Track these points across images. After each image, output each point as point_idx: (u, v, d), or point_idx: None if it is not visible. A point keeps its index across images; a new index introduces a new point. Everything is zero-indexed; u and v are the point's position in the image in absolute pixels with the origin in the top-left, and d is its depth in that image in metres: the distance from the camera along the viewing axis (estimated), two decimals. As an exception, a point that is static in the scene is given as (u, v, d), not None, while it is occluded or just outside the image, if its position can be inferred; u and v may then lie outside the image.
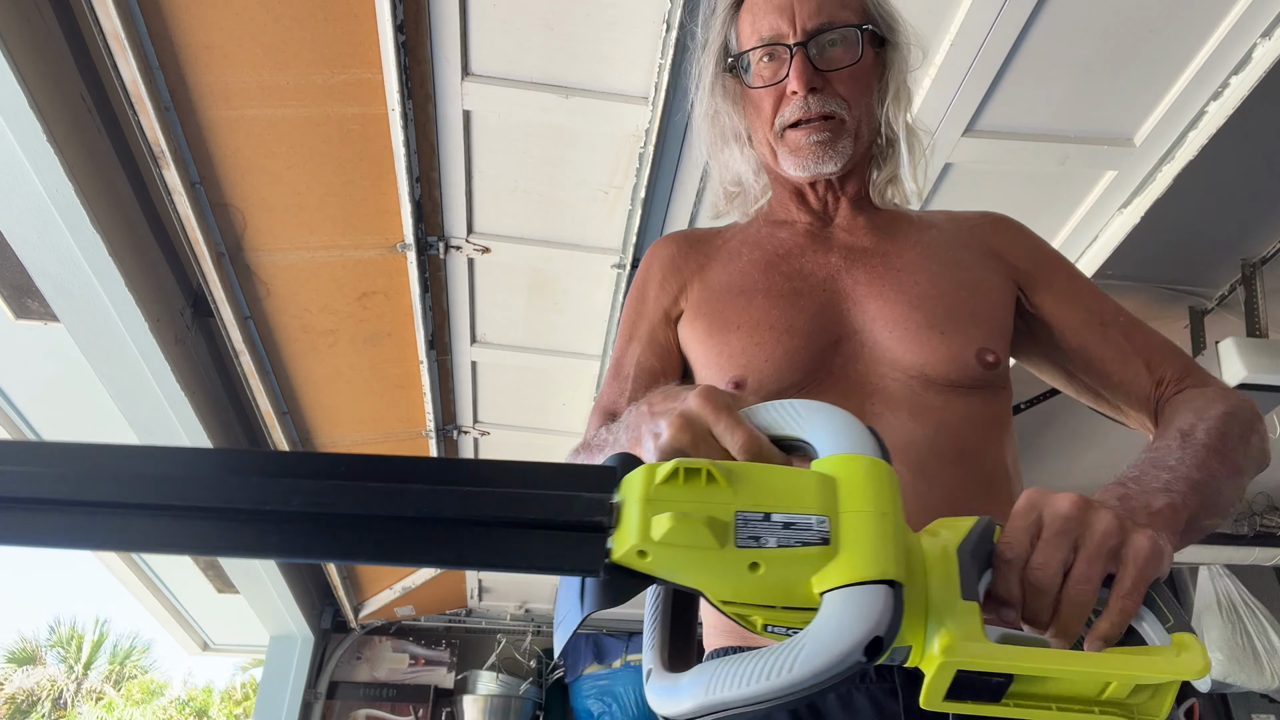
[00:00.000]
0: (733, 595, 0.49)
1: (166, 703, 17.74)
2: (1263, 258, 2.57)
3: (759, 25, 0.92)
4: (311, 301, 2.28)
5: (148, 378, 2.20)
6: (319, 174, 1.90)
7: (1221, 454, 0.74)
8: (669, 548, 0.46)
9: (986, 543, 0.54)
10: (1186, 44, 1.69)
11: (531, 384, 2.80)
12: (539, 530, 0.47)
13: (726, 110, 0.99)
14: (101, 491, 0.46)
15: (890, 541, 0.47)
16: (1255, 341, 2.46)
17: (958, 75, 1.70)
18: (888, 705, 0.71)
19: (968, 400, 0.83)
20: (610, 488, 0.49)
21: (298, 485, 0.47)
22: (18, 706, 15.41)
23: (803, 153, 0.91)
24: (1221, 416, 0.79)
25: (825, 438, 0.52)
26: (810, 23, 0.90)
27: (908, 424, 0.81)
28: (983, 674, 0.49)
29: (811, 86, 0.89)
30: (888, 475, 0.50)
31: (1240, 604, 3.77)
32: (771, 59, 0.92)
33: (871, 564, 0.46)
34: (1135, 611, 0.52)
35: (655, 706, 0.50)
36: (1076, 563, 0.52)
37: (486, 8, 1.59)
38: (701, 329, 0.93)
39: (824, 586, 0.47)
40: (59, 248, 1.80)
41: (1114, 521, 0.54)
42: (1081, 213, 2.09)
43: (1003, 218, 1.04)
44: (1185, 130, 1.84)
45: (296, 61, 1.65)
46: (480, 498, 0.47)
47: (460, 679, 4.60)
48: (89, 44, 1.69)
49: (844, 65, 0.91)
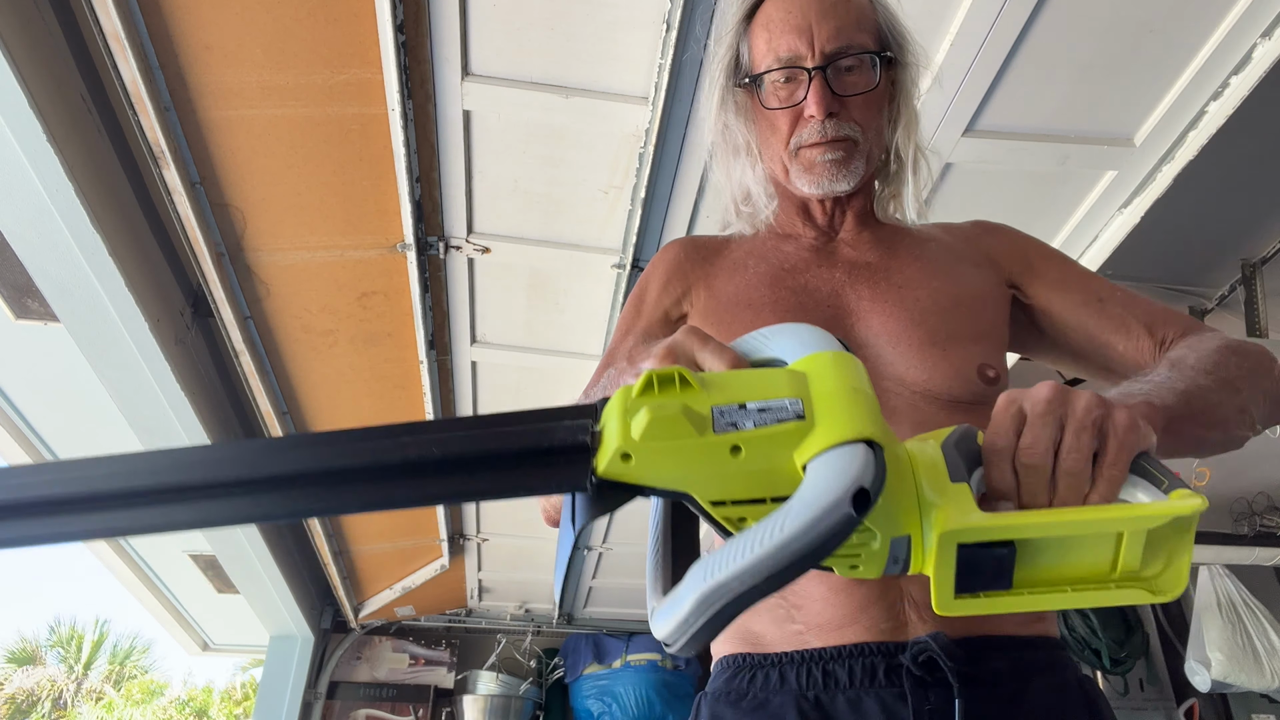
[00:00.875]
0: (721, 491, 0.48)
1: (166, 703, 17.74)
2: (1263, 258, 2.57)
3: (776, 44, 0.92)
4: (311, 301, 2.28)
5: (148, 378, 2.20)
6: (319, 174, 1.90)
7: (1212, 373, 0.74)
8: (650, 444, 0.46)
9: (970, 441, 0.55)
10: (1186, 44, 1.69)
11: (531, 384, 2.80)
12: (528, 458, 0.49)
13: (736, 125, 1.00)
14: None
15: (864, 408, 0.47)
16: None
17: (958, 75, 1.70)
18: (897, 709, 0.71)
19: (969, 415, 0.84)
20: (593, 416, 0.50)
21: (297, 455, 0.50)
22: (18, 706, 15.41)
23: (816, 171, 0.92)
24: (1219, 348, 0.79)
25: (791, 347, 0.53)
26: (829, 46, 0.90)
27: (910, 421, 0.82)
28: (986, 547, 0.49)
29: (830, 111, 0.90)
30: (854, 362, 0.51)
31: (1240, 604, 3.76)
32: (788, 80, 0.92)
33: (848, 426, 0.46)
34: (1123, 478, 0.53)
35: (659, 633, 0.49)
36: (1065, 436, 0.53)
37: (486, 8, 1.59)
38: None
39: (805, 457, 0.47)
40: (59, 248, 1.80)
41: (1093, 398, 0.55)
42: (1081, 213, 2.09)
43: (991, 223, 1.05)
44: (1185, 130, 1.84)
45: (296, 61, 1.65)
46: (465, 439, 0.49)
47: (460, 679, 4.60)
48: (89, 44, 1.69)
49: (860, 91, 0.92)
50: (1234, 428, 0.75)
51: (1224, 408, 0.73)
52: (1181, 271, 2.69)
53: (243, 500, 0.49)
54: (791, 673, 0.77)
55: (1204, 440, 0.72)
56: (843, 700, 0.73)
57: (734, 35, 0.98)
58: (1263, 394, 0.79)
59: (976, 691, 0.70)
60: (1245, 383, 0.77)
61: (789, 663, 0.78)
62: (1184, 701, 3.91)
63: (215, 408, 2.56)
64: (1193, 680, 3.72)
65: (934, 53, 1.68)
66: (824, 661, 0.75)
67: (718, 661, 0.87)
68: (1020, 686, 0.73)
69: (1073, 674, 0.80)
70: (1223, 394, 0.74)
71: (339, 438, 0.50)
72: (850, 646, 0.75)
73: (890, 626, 0.75)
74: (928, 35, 1.65)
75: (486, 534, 3.73)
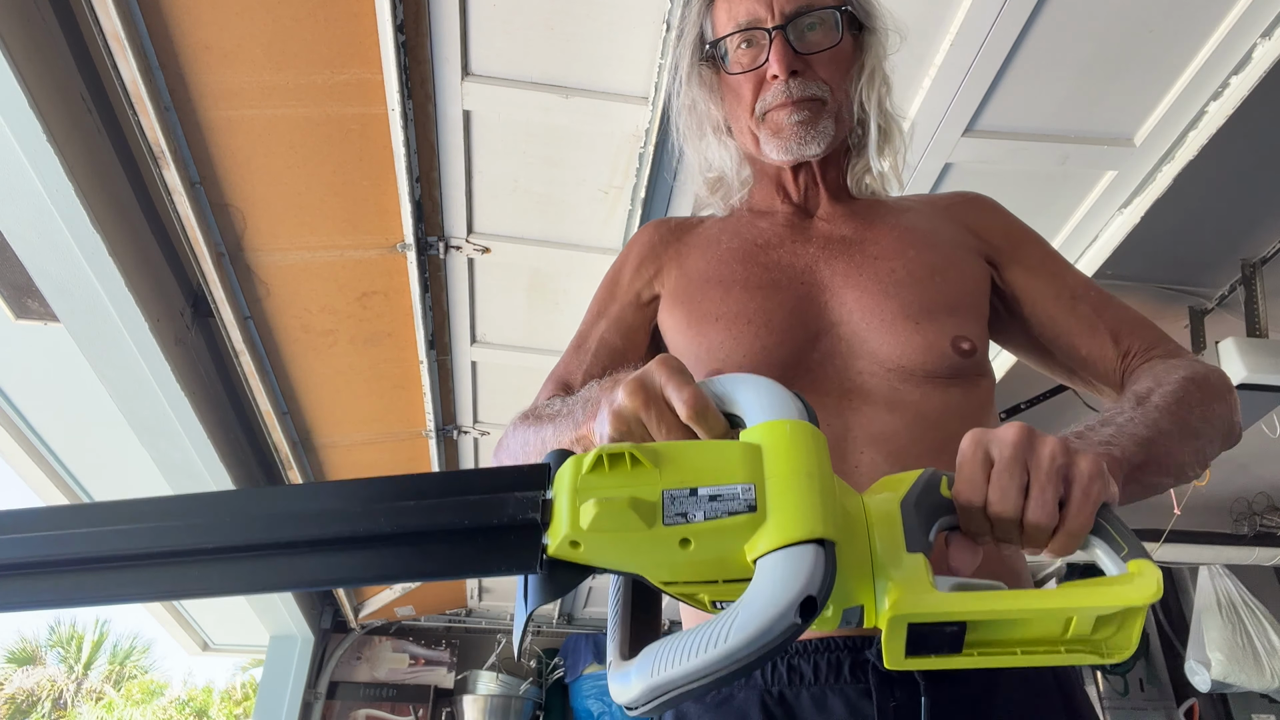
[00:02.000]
0: (670, 575, 0.49)
1: (166, 703, 17.74)
2: (1263, 258, 2.57)
3: (735, 11, 0.92)
4: (311, 301, 2.28)
5: (148, 378, 2.20)
6: (319, 174, 1.90)
7: (1175, 415, 0.74)
8: (599, 534, 0.46)
9: (932, 493, 0.55)
10: (1186, 44, 1.69)
11: (531, 384, 2.79)
12: (478, 534, 0.48)
13: (704, 100, 0.99)
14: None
15: (816, 500, 0.47)
16: (1255, 341, 2.46)
17: (958, 75, 1.70)
18: (862, 707, 0.70)
19: (946, 390, 0.83)
20: (543, 484, 0.50)
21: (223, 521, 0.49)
22: (18, 706, 15.41)
23: (784, 133, 0.91)
24: (1182, 381, 0.78)
25: (751, 407, 0.53)
26: (789, 6, 0.89)
27: (886, 418, 0.81)
28: (937, 624, 0.50)
29: (792, 70, 0.89)
30: (812, 436, 0.50)
31: (1240, 604, 3.76)
32: (750, 45, 0.92)
33: (798, 525, 0.46)
34: (1086, 532, 0.53)
35: (614, 696, 0.50)
36: (1031, 487, 0.54)
37: (486, 8, 1.59)
38: (680, 318, 0.92)
39: (756, 554, 0.47)
40: (59, 248, 1.80)
41: (1058, 444, 0.55)
42: (1081, 213, 2.09)
43: (978, 196, 1.03)
44: (1185, 130, 1.84)
45: (296, 61, 1.65)
46: (416, 511, 0.48)
47: (460, 679, 4.60)
48: (89, 44, 1.69)
49: (824, 48, 0.90)
50: (1189, 471, 0.76)
51: (1183, 454, 0.74)
52: (1181, 271, 2.69)
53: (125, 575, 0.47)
54: None
55: (1159, 486, 0.73)
56: (807, 696, 0.72)
57: (697, 14, 0.97)
58: (1220, 435, 0.80)
59: (944, 687, 0.69)
60: (1205, 424, 0.77)
61: None
62: (1184, 701, 3.91)
63: (215, 408, 2.56)
64: (1193, 680, 3.72)
65: (934, 53, 1.68)
66: (789, 656, 0.74)
67: None
68: (990, 681, 0.72)
69: (1049, 668, 0.77)
70: (1183, 441, 0.74)
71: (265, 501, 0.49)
72: (816, 641, 0.74)
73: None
74: (928, 35, 1.65)
75: (486, 534, 3.73)
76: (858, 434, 0.80)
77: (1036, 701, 0.74)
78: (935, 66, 1.69)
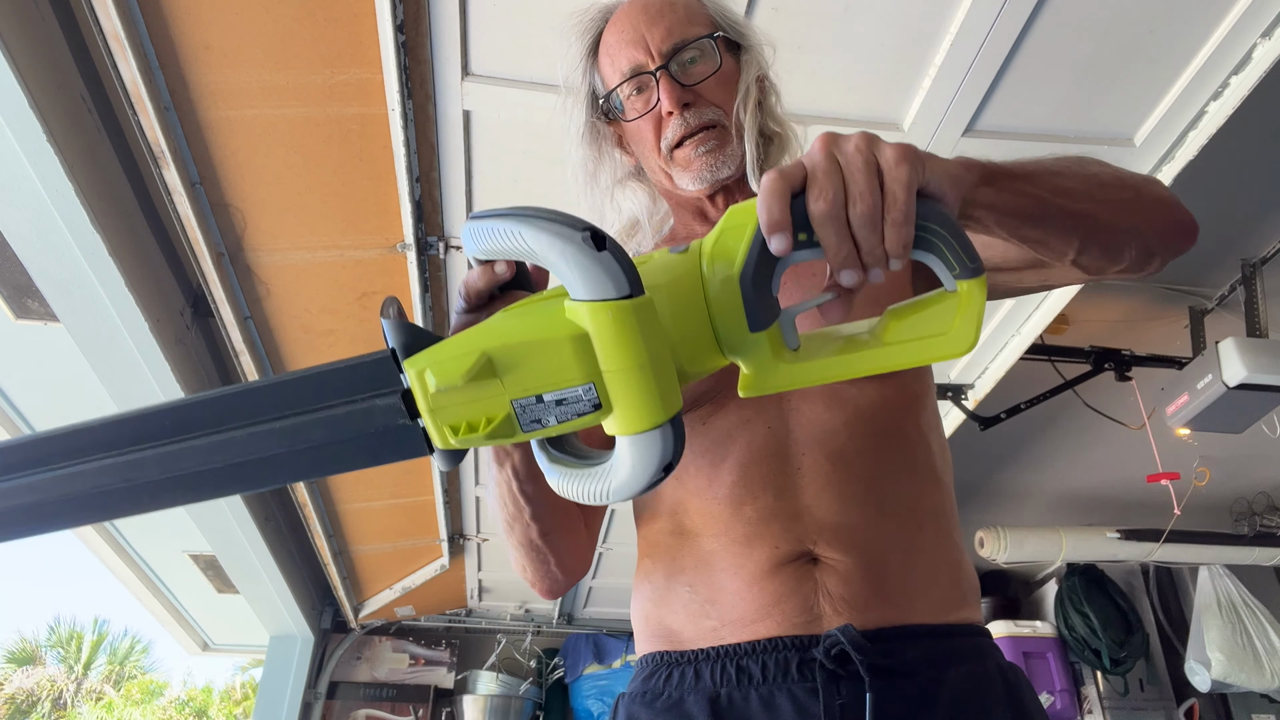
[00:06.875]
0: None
1: (166, 703, 17.74)
2: (1263, 258, 2.57)
3: (618, 62, 0.95)
4: (311, 301, 2.28)
5: (148, 378, 2.20)
6: (319, 174, 1.90)
7: (1063, 161, 0.72)
8: (475, 444, 0.55)
9: (768, 260, 0.55)
10: (1186, 44, 1.69)
11: (531, 384, 2.80)
12: (359, 440, 0.55)
13: (609, 152, 1.02)
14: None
15: (653, 388, 0.52)
16: (1255, 341, 2.47)
17: (958, 75, 1.70)
18: (809, 705, 0.72)
19: (881, 384, 0.85)
20: (395, 383, 0.55)
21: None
22: (18, 706, 15.42)
23: (695, 166, 0.93)
24: (1088, 160, 0.76)
25: (570, 282, 0.53)
26: (664, 44, 0.92)
27: (824, 415, 0.83)
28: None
29: (684, 103, 0.92)
30: (635, 316, 0.51)
31: (1240, 604, 3.77)
32: (641, 90, 0.95)
33: (644, 417, 0.52)
34: (908, 224, 0.53)
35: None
36: (846, 181, 0.53)
37: (486, 8, 1.59)
38: None
39: (612, 432, 0.54)
40: (59, 248, 1.80)
41: (862, 135, 0.55)
42: (1081, 213, 2.09)
43: None
44: (1185, 130, 1.84)
45: (296, 61, 1.65)
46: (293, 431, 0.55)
47: (460, 679, 4.60)
48: (89, 44, 1.69)
49: (708, 75, 0.93)
50: (1097, 211, 0.72)
51: (1073, 179, 0.71)
52: (1181, 271, 2.69)
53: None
54: (706, 670, 0.77)
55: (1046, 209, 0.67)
56: (755, 697, 0.74)
57: (583, 74, 0.99)
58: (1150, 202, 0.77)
59: (889, 683, 0.71)
60: (1102, 170, 0.75)
61: (704, 659, 0.78)
62: (1184, 701, 3.91)
63: (215, 408, 2.55)
64: (1193, 680, 3.72)
65: (934, 53, 1.68)
66: (738, 657, 0.76)
67: (639, 660, 0.88)
68: (935, 676, 0.73)
69: (994, 662, 0.79)
70: (1080, 179, 0.71)
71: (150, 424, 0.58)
72: (764, 641, 0.75)
73: (804, 620, 0.76)
74: (928, 35, 1.65)
75: (486, 534, 3.73)
76: (799, 435, 0.83)
77: (982, 698, 0.75)
78: (935, 67, 1.69)
